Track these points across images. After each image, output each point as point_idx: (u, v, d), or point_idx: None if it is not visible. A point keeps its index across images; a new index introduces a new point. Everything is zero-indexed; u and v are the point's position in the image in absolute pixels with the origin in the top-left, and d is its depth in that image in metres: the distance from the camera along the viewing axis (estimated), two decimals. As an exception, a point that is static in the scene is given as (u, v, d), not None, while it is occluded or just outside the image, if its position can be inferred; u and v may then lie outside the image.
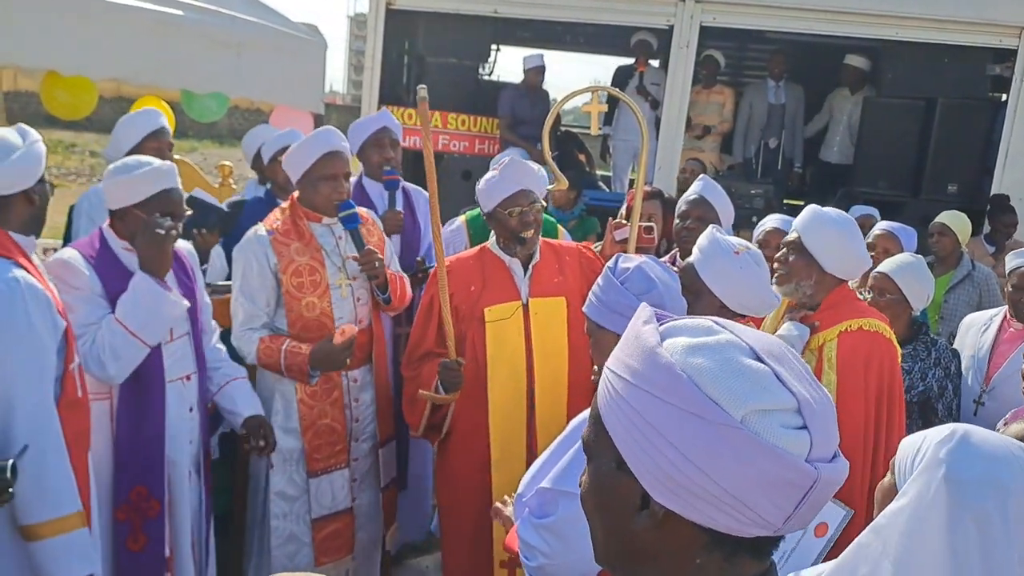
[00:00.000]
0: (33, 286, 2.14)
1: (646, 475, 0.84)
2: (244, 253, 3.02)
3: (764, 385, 0.83)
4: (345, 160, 3.09)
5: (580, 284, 2.95)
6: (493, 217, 2.92)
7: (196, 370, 2.80)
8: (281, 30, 5.39)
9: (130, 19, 4.33)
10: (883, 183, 6.05)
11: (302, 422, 3.05)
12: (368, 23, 6.18)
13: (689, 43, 5.82)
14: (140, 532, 2.64)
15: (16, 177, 2.18)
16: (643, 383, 0.85)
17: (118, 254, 2.63)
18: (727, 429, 0.80)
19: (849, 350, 2.57)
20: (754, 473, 0.80)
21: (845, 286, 2.73)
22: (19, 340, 2.09)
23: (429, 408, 2.90)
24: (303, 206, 3.08)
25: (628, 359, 0.88)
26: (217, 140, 21.51)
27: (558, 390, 2.89)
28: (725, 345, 0.86)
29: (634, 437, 0.85)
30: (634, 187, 3.29)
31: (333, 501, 3.13)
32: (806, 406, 0.83)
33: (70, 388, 2.27)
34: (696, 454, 0.80)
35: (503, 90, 6.85)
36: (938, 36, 5.62)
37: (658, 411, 0.83)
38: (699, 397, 0.81)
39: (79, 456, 2.32)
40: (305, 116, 5.70)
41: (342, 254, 3.10)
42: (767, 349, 0.87)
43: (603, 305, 1.98)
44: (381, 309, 3.23)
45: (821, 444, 0.83)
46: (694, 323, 0.90)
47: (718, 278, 2.38)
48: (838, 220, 2.69)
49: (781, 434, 0.81)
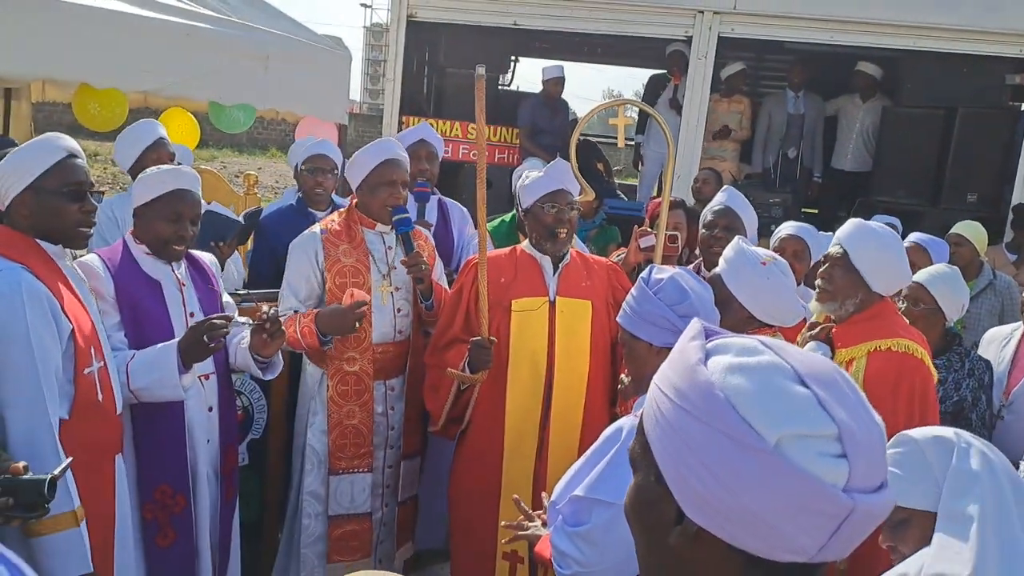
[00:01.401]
0: (33, 288, 2.14)
1: (679, 491, 0.85)
2: (296, 248, 3.14)
3: (803, 410, 0.81)
4: (403, 168, 3.17)
5: (606, 293, 3.02)
6: (531, 212, 3.01)
7: (215, 371, 2.80)
8: (307, 43, 5.49)
9: (161, 33, 4.44)
10: (902, 192, 6.06)
11: (329, 420, 3.11)
12: (389, 35, 6.27)
13: (707, 54, 5.87)
14: (169, 528, 2.67)
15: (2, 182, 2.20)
16: (681, 400, 0.85)
17: (138, 259, 2.66)
18: (759, 453, 0.79)
19: (877, 371, 2.50)
20: (784, 499, 0.79)
21: (887, 300, 2.67)
22: (13, 341, 2.09)
23: (453, 393, 2.96)
24: (359, 211, 3.17)
25: (672, 374, 0.88)
26: (237, 149, 21.61)
27: (576, 390, 2.95)
28: (767, 366, 0.84)
29: (670, 452, 0.86)
30: (655, 196, 3.34)
31: (352, 503, 3.16)
32: (848, 434, 0.80)
33: (87, 391, 2.26)
34: (727, 476, 0.80)
35: (523, 100, 6.92)
36: (957, 46, 5.64)
37: (694, 429, 0.83)
38: (733, 418, 0.80)
39: (102, 460, 2.33)
40: (330, 127, 5.79)
41: (389, 263, 3.17)
42: (814, 373, 0.84)
43: (636, 315, 2.01)
44: (423, 320, 3.27)
45: (862, 474, 0.80)
46: (740, 342, 0.89)
47: (745, 289, 2.40)
48: (887, 236, 2.59)
49: (816, 461, 0.79)
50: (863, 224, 2.64)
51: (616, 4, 5.88)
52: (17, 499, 1.85)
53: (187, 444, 2.69)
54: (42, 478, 1.87)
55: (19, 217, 2.24)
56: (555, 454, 2.92)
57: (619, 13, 5.93)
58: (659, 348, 1.96)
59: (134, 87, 4.58)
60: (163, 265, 2.68)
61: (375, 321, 3.12)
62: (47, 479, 1.87)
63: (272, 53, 5.00)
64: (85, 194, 2.29)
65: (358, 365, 3.11)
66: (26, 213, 2.23)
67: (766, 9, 5.76)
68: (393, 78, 6.16)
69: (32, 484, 1.86)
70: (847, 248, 2.59)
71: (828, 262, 2.66)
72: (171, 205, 2.63)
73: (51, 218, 2.24)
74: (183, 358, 2.50)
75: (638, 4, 5.88)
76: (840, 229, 2.70)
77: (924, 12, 5.57)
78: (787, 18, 5.77)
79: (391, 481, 3.27)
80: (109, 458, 2.39)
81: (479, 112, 2.80)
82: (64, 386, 2.22)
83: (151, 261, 2.67)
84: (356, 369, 3.11)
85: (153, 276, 2.65)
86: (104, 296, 2.55)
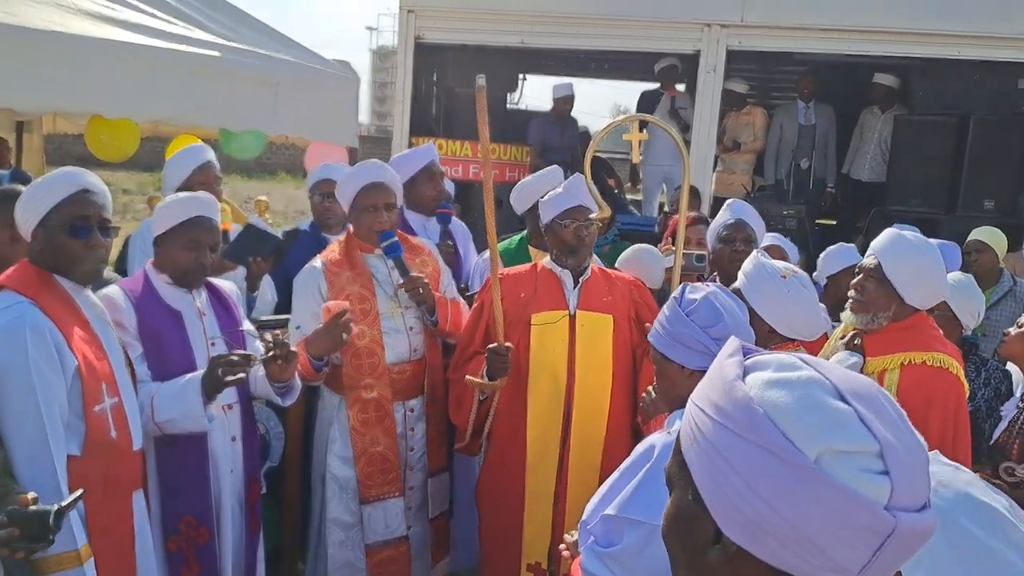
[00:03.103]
0: (37, 324, 2.12)
1: (718, 508, 0.83)
2: (300, 285, 3.13)
3: (844, 425, 0.80)
4: (386, 191, 3.14)
5: (628, 309, 3.01)
6: (550, 228, 3.04)
7: (238, 400, 2.80)
8: (316, 68, 5.52)
9: (171, 62, 4.47)
10: (916, 201, 6.00)
11: (355, 449, 3.08)
12: (398, 57, 6.29)
13: (716, 67, 5.86)
14: (194, 560, 2.65)
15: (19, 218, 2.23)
16: (720, 416, 0.84)
17: (158, 289, 2.66)
18: (800, 468, 0.78)
19: (911, 385, 2.43)
20: (825, 515, 0.77)
21: (922, 313, 2.58)
22: (14, 376, 2.08)
23: (476, 405, 2.96)
24: (356, 237, 3.16)
25: (710, 392, 0.87)
26: (246, 174, 21.72)
27: (598, 403, 2.94)
28: (807, 381, 0.83)
29: (708, 469, 0.84)
30: (668, 212, 3.31)
31: (387, 528, 3.14)
32: (890, 451, 0.79)
33: (98, 428, 2.23)
34: (767, 491, 0.79)
35: (533, 118, 6.92)
36: (969, 52, 5.60)
37: (733, 445, 0.82)
38: (773, 433, 0.79)
39: (117, 498, 2.31)
40: (340, 150, 5.80)
41: (394, 283, 3.15)
42: (853, 389, 0.83)
43: (669, 336, 1.94)
44: (436, 335, 3.25)
45: (905, 492, 0.79)
46: (778, 358, 0.88)
47: (767, 303, 2.37)
48: (923, 248, 2.51)
49: (858, 477, 0.78)
50: (898, 235, 2.57)
51: (623, 20, 5.88)
52: (23, 530, 1.84)
53: (211, 475, 2.68)
54: (47, 509, 1.86)
55: (35, 252, 2.25)
56: (576, 467, 2.92)
57: (626, 29, 5.93)
58: (691, 371, 1.90)
59: (146, 116, 4.61)
60: (184, 294, 2.68)
61: (389, 343, 3.10)
62: (52, 510, 1.86)
63: (282, 79, 5.04)
64: (91, 228, 2.25)
65: (376, 391, 3.08)
66: (38, 248, 2.24)
67: (774, 21, 5.74)
68: (402, 100, 6.18)
69: (38, 515, 1.86)
70: (881, 260, 2.52)
71: (862, 273, 2.59)
72: (189, 233, 2.63)
73: (56, 253, 2.23)
74: (206, 390, 2.49)
75: (645, 19, 5.88)
76: (876, 239, 2.62)
77: (935, 19, 5.54)
78: (795, 29, 5.75)
79: (414, 503, 3.24)
80: (125, 494, 2.36)
81: (481, 123, 2.80)
82: (73, 422, 2.19)
83: (171, 291, 2.67)
84: (375, 395, 3.09)
85: (174, 306, 2.66)
86: (127, 328, 2.55)
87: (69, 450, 2.17)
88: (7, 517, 1.83)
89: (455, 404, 3.09)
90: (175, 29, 4.72)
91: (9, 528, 1.82)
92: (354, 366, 3.05)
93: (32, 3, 4.05)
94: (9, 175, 7.79)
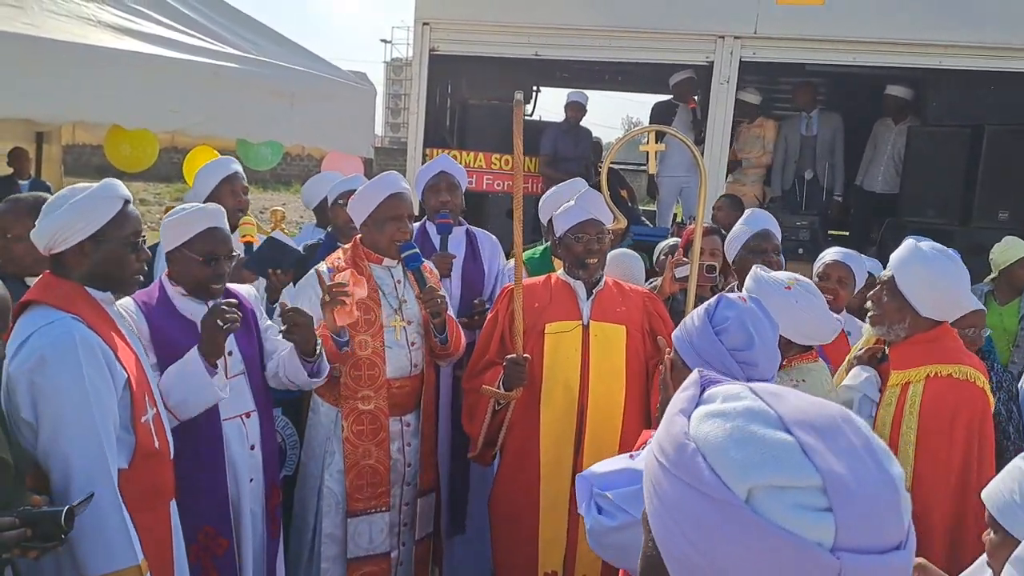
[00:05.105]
0: (87, 340, 2.12)
1: (665, 554, 0.78)
2: (302, 288, 3.14)
3: (778, 458, 0.72)
4: (408, 202, 3.19)
5: (642, 320, 3.03)
6: (562, 242, 3.07)
7: (256, 408, 2.79)
8: (332, 79, 5.57)
9: (189, 73, 4.52)
10: (931, 211, 5.98)
11: (346, 461, 3.06)
12: (413, 69, 6.33)
13: (729, 79, 5.87)
14: (212, 571, 2.65)
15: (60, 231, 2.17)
16: (660, 453, 0.79)
17: (174, 299, 2.67)
18: (727, 506, 0.71)
19: (935, 397, 2.42)
20: (758, 558, 0.70)
21: (945, 324, 2.56)
22: (70, 394, 2.07)
23: (489, 415, 2.96)
24: (365, 247, 3.17)
25: (660, 429, 0.82)
26: (262, 185, 21.81)
27: (612, 413, 2.95)
28: (743, 412, 0.76)
29: (651, 512, 0.80)
30: (681, 223, 3.32)
31: (371, 543, 3.11)
32: (836, 485, 0.71)
33: (145, 440, 2.24)
34: (696, 534, 0.73)
35: (545, 128, 6.95)
36: (982, 63, 5.59)
37: (667, 484, 0.77)
38: (701, 469, 0.74)
39: (158, 507, 2.32)
40: (355, 160, 5.85)
41: (399, 297, 3.17)
42: (807, 419, 0.75)
43: (693, 348, 1.86)
44: (435, 354, 3.24)
45: (856, 531, 0.70)
46: (727, 390, 0.82)
47: (777, 317, 2.34)
48: (934, 259, 2.49)
49: (794, 515, 0.70)
50: (913, 247, 2.56)
51: (636, 32, 5.91)
52: (36, 531, 1.88)
53: (230, 484, 2.68)
54: (59, 510, 1.90)
55: (73, 265, 2.21)
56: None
57: (639, 41, 5.94)
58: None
59: (164, 127, 4.66)
60: (199, 305, 2.68)
61: (390, 356, 3.10)
62: (64, 510, 1.89)
63: (298, 90, 5.08)
64: (142, 242, 2.31)
65: (373, 403, 3.08)
66: (85, 262, 2.21)
67: (787, 32, 5.75)
68: (417, 111, 6.21)
69: (50, 515, 1.89)
70: (895, 272, 2.54)
71: (878, 285, 2.62)
72: (204, 246, 2.63)
73: (113, 267, 2.25)
74: (204, 355, 2.48)
75: (658, 31, 5.90)
76: (895, 251, 2.63)
77: (948, 31, 5.53)
78: (808, 40, 5.75)
79: (408, 519, 3.24)
80: (165, 503, 2.38)
81: (516, 136, 2.84)
82: (123, 435, 2.20)
83: (187, 302, 2.68)
84: (371, 407, 3.08)
85: (189, 317, 2.66)
86: (139, 337, 2.55)
87: (119, 463, 2.17)
88: (19, 518, 1.86)
89: (468, 414, 3.10)
90: (194, 41, 4.78)
91: (21, 528, 1.85)
92: (353, 377, 3.05)
93: (53, 15, 4.12)
94: (28, 185, 7.89)
